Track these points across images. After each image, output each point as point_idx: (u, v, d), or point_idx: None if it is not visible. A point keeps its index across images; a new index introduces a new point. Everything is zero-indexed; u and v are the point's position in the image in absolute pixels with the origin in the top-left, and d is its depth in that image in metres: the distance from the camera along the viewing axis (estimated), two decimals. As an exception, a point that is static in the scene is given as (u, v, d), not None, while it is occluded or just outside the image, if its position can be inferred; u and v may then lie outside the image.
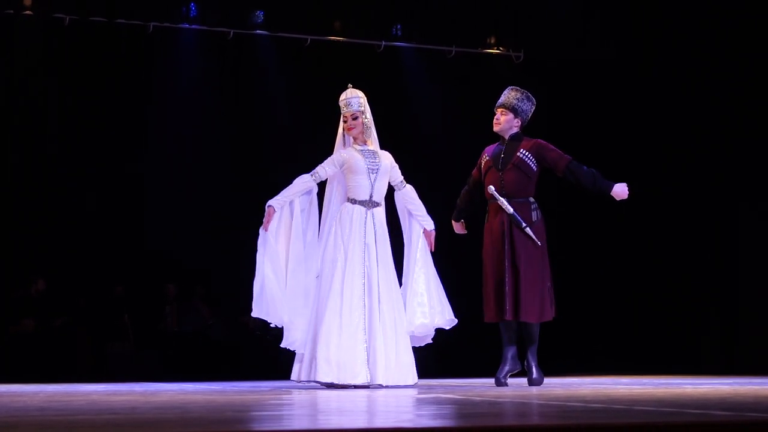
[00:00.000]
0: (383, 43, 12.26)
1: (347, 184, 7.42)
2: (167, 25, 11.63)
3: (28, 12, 11.23)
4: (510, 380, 7.45)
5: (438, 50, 12.59)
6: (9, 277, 11.44)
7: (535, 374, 7.34)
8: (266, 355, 11.53)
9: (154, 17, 11.43)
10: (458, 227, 7.91)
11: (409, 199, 7.61)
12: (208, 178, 12.09)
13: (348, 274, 7.16)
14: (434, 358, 8.76)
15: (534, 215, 7.38)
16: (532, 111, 7.63)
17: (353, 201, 7.37)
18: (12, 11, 11.18)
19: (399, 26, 12.27)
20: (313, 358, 7.05)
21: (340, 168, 7.43)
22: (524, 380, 7.52)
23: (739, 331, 11.66)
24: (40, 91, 11.61)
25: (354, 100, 7.46)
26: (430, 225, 7.64)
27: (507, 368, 7.34)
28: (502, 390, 6.67)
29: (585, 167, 7.47)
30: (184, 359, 11.44)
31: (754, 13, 11.33)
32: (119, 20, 11.37)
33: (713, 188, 11.85)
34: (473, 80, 12.40)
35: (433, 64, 12.58)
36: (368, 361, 7.04)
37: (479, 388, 7.05)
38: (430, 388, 7.02)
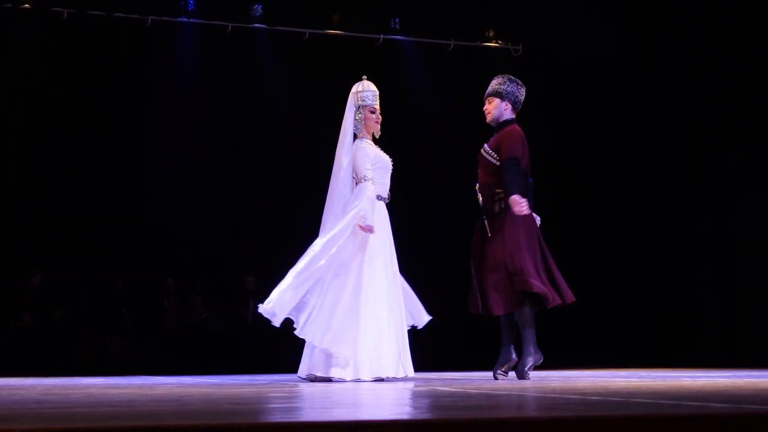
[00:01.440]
0: (382, 36, 12.25)
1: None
2: (165, 18, 11.63)
3: (26, 6, 11.23)
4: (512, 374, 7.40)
5: (436, 44, 12.59)
6: (8, 271, 11.44)
7: (521, 361, 7.19)
8: (267, 349, 11.56)
9: (152, 11, 11.43)
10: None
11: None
12: (207, 172, 12.11)
13: (386, 270, 7.11)
14: (430, 351, 8.77)
15: (497, 206, 7.20)
16: (522, 92, 7.46)
17: (379, 197, 7.25)
18: (10, 5, 11.17)
19: (397, 20, 12.26)
20: (375, 354, 6.94)
21: None
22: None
23: (738, 325, 11.67)
24: (38, 84, 11.61)
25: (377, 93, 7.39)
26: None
27: (500, 361, 7.31)
28: (498, 383, 6.67)
29: (512, 173, 7.05)
30: (184, 353, 11.44)
31: (754, 10, 11.33)
32: (117, 14, 11.36)
33: (713, 182, 11.86)
34: (472, 74, 12.39)
35: (431, 58, 12.57)
36: (400, 354, 7.05)
37: (476, 380, 7.05)
38: (427, 381, 7.02)
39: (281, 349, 11.68)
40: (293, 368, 7.33)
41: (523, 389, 5.64)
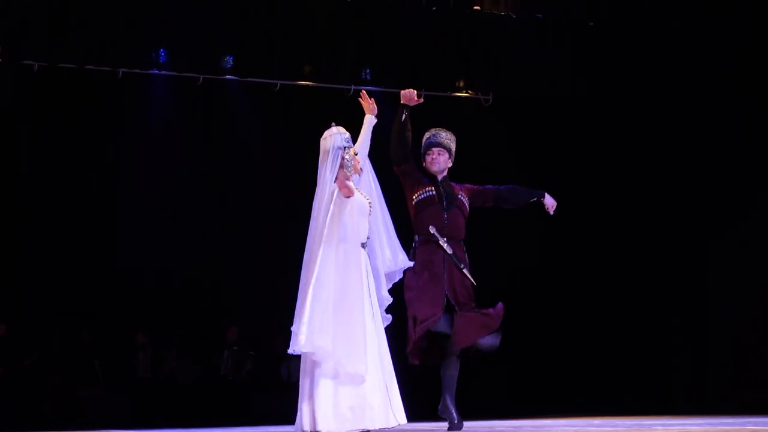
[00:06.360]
0: (353, 87, 12.31)
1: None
2: (137, 71, 11.63)
3: (-4, 59, 11.22)
4: (491, 423, 7.37)
5: (407, 94, 12.63)
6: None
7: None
8: (240, 400, 11.52)
9: (123, 63, 11.41)
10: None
11: None
12: (181, 224, 12.11)
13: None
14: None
15: (466, 257, 7.37)
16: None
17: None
18: (-20, 59, 11.16)
19: (368, 70, 12.32)
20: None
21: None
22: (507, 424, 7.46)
23: (710, 370, 11.75)
24: (9, 138, 11.60)
25: None
26: None
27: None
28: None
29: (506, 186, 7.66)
30: (156, 405, 11.37)
31: (725, 50, 11.51)
32: (88, 66, 11.34)
33: (682, 222, 11.98)
34: (442, 123, 12.42)
35: (402, 108, 12.61)
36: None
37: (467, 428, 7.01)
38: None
39: (253, 400, 11.66)
40: (265, 419, 7.29)
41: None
